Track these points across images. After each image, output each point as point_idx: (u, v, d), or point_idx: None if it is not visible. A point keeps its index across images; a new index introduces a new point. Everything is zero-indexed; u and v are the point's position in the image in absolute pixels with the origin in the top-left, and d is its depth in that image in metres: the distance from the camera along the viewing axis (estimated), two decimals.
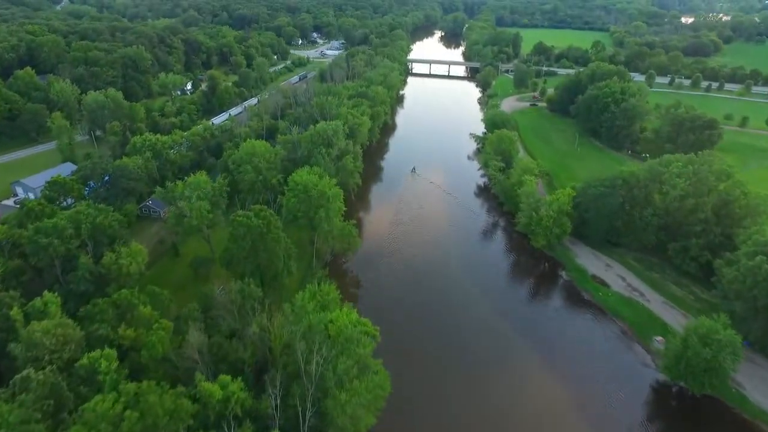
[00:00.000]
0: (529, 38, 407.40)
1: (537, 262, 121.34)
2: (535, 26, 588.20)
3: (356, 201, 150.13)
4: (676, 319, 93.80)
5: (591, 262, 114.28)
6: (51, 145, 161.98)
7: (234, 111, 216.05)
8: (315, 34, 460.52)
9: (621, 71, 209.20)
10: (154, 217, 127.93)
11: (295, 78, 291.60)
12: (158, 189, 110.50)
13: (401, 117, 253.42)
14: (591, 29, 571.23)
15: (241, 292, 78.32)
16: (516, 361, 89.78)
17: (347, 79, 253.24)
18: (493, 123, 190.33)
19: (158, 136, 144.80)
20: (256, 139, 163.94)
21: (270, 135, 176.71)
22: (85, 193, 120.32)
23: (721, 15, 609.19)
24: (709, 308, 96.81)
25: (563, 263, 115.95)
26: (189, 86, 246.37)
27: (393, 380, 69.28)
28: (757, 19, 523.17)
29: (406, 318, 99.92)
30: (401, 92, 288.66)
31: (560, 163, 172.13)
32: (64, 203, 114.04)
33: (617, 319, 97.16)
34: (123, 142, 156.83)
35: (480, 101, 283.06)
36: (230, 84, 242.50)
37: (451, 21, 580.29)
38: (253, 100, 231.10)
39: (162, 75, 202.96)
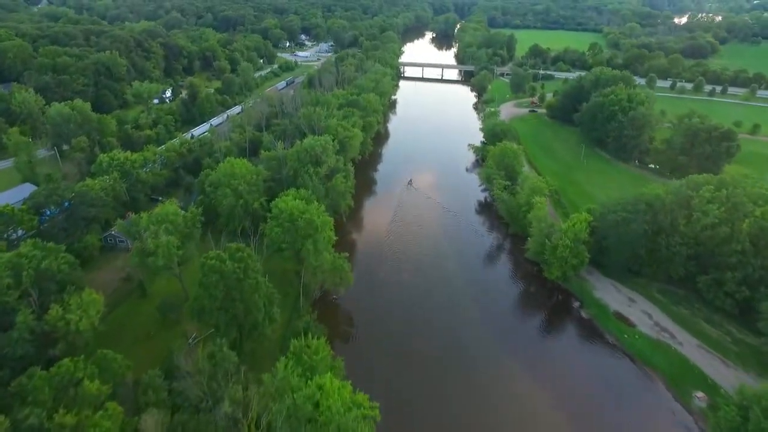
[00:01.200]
0: (522, 39, 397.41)
1: (550, 294, 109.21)
2: (528, 27, 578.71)
3: (348, 221, 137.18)
4: (716, 369, 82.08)
5: (611, 295, 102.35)
6: (8, 163, 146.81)
7: (216, 121, 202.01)
8: (303, 36, 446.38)
9: (626, 77, 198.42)
10: (121, 247, 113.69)
11: (282, 83, 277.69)
12: (119, 222, 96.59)
13: (394, 124, 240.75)
14: (584, 30, 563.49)
15: (211, 358, 65.02)
16: (532, 417, 77.40)
17: (336, 84, 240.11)
18: (492, 133, 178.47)
19: (128, 153, 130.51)
20: (238, 155, 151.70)
21: (254, 149, 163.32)
22: (41, 222, 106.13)
23: (712, 15, 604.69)
24: (750, 352, 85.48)
25: (580, 297, 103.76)
26: (168, 93, 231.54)
27: None
28: (749, 19, 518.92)
29: (405, 362, 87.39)
30: (393, 97, 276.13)
31: (566, 177, 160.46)
32: (13, 236, 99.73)
33: (648, 368, 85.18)
34: (90, 159, 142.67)
35: (476, 107, 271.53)
36: (212, 91, 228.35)
37: (443, 22, 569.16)
38: (237, 109, 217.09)
39: (136, 83, 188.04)
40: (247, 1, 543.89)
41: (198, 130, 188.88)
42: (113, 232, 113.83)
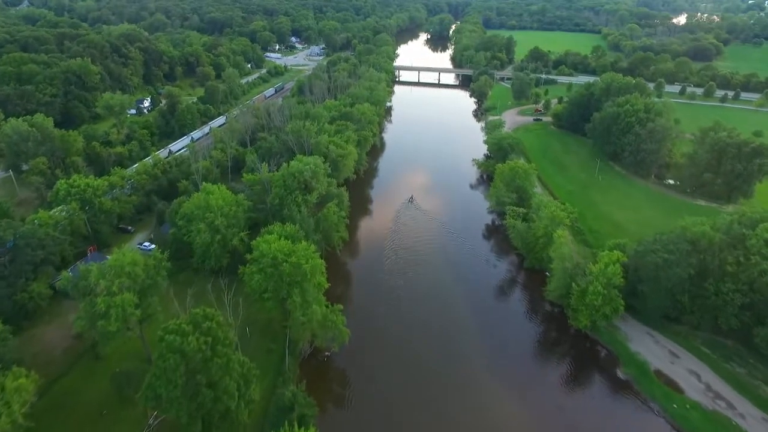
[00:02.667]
0: (520, 41, 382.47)
1: (575, 342, 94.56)
2: (524, 28, 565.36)
3: (341, 250, 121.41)
4: None
5: (650, 349, 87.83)
6: None
7: (197, 134, 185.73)
8: (294, 39, 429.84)
9: (640, 84, 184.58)
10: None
11: (271, 90, 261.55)
12: (64, 275, 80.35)
13: (390, 134, 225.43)
14: (581, 31, 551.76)
15: None
16: None
17: (328, 91, 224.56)
18: (498, 147, 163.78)
19: (90, 179, 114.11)
20: (219, 175, 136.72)
21: (237, 167, 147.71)
22: None
23: (712, 16, 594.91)
24: None
25: (614, 351, 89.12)
26: (147, 103, 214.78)
27: None
28: (749, 19, 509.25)
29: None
30: (388, 104, 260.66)
31: (582, 198, 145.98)
32: None
33: None
34: (51, 182, 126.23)
35: (475, 113, 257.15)
36: (195, 100, 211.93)
37: (438, 23, 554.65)
38: (221, 120, 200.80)
39: (106, 95, 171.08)
40: (236, 2, 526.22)
41: (177, 145, 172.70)
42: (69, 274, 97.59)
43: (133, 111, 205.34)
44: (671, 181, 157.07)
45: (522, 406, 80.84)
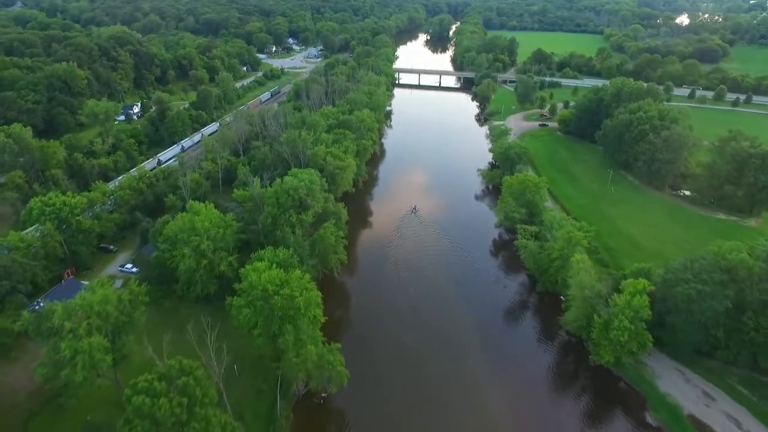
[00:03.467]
0: (521, 42, 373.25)
1: (594, 376, 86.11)
2: (525, 29, 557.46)
3: (340, 271, 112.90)
4: None
5: (681, 389, 79.40)
6: None
7: (188, 142, 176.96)
8: (291, 40, 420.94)
9: (653, 89, 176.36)
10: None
11: (267, 94, 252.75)
12: (24, 315, 71.62)
13: (390, 140, 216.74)
14: (583, 32, 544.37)
15: None
16: None
17: (326, 96, 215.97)
18: (505, 157, 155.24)
19: (67, 196, 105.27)
20: (209, 189, 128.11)
21: (228, 179, 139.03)
22: None
23: (715, 16, 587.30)
24: None
25: (642, 392, 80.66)
26: (137, 109, 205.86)
27: None
28: (752, 19, 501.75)
29: None
30: (388, 108, 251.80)
31: (595, 211, 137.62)
32: None
33: None
34: (26, 198, 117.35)
35: (478, 118, 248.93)
36: (185, 107, 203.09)
37: (437, 24, 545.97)
38: (214, 126, 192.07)
39: (90, 102, 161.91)
40: (232, 3, 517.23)
41: (167, 154, 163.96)
42: (38, 305, 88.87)
43: (122, 117, 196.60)
44: (687, 192, 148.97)
45: None
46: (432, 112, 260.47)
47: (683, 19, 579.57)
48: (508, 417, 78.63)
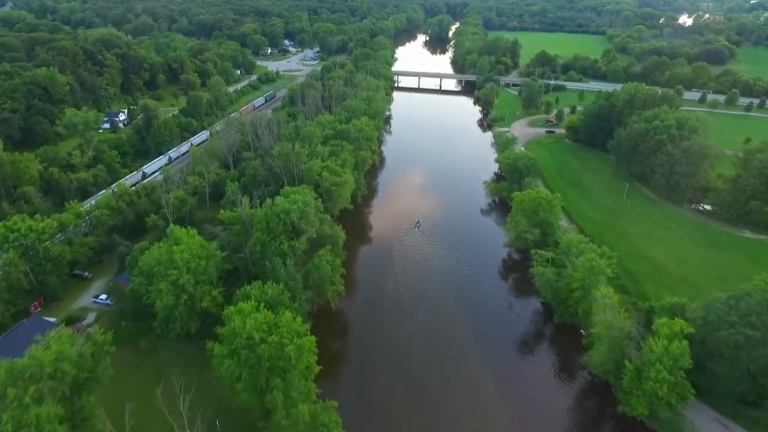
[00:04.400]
0: (522, 43, 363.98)
1: (625, 428, 76.38)
2: (525, 29, 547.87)
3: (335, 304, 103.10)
4: None
5: None
6: None
7: (176, 152, 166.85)
8: (287, 42, 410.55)
9: (668, 96, 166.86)
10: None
11: (261, 99, 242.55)
12: None
13: (390, 147, 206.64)
14: (585, 32, 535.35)
15: None
16: None
17: (322, 101, 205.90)
18: (513, 169, 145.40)
19: (35, 219, 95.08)
20: (196, 204, 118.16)
21: (217, 195, 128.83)
22: None
23: (717, 16, 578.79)
24: None
25: None
26: (123, 116, 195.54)
27: None
28: (755, 19, 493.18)
29: None
30: (387, 112, 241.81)
31: (611, 229, 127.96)
32: None
33: None
34: None
35: (481, 123, 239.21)
36: (175, 113, 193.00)
37: (437, 24, 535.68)
38: (204, 134, 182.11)
39: (69, 111, 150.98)
40: (227, 4, 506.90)
41: (152, 166, 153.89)
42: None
43: (107, 125, 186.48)
44: (708, 207, 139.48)
45: None
46: (433, 117, 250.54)
47: (686, 20, 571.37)
48: None
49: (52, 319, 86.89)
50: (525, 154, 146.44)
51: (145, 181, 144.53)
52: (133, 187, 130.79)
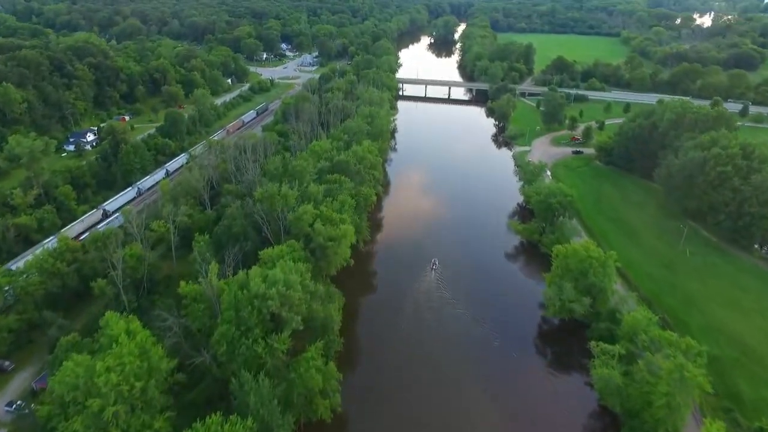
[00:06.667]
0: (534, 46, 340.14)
1: None
2: (534, 31, 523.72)
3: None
4: None
5: None
6: None
7: (149, 181, 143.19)
8: (284, 46, 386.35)
9: (725, 116, 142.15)
10: None
11: (251, 113, 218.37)
12: None
13: (395, 166, 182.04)
14: (597, 34, 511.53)
15: None
16: None
17: (319, 117, 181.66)
18: (545, 206, 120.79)
19: None
20: (158, 258, 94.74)
21: (187, 242, 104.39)
22: None
23: (729, 15, 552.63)
24: None
25: None
26: (91, 137, 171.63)
27: None
28: None
29: None
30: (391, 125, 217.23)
31: (673, 288, 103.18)
32: None
33: None
34: None
35: (496, 139, 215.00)
36: (150, 134, 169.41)
37: (442, 26, 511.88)
38: (183, 158, 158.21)
39: (12, 139, 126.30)
40: (222, 5, 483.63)
41: (116, 202, 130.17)
42: None
43: (71, 147, 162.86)
44: None
45: None
46: (442, 132, 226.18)
47: (703, 20, 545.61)
48: None
49: None
50: (559, 188, 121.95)
51: (106, 222, 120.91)
52: (85, 235, 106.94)
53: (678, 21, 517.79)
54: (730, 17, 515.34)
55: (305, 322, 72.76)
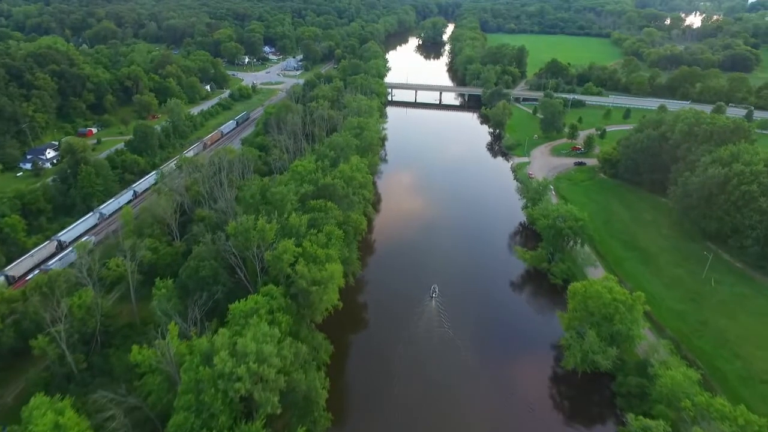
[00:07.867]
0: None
1: None
2: (524, 32, 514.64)
3: None
4: None
5: None
6: None
7: (114, 204, 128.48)
8: (267, 49, 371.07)
9: (742, 126, 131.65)
10: None
11: (231, 123, 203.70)
12: None
13: (384, 180, 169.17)
14: (587, 35, 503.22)
15: None
16: None
17: (303, 127, 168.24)
18: (554, 231, 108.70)
19: None
20: (118, 303, 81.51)
21: (152, 280, 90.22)
22: None
23: (715, 15, 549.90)
24: None
25: None
26: (51, 153, 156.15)
27: None
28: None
29: None
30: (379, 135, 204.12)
31: (703, 327, 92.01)
32: None
33: None
34: None
35: (491, 147, 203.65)
36: (118, 149, 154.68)
37: (430, 27, 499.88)
38: (152, 177, 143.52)
39: None
40: (203, 7, 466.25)
41: (73, 231, 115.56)
42: None
43: (28, 164, 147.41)
44: None
45: None
46: (434, 140, 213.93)
47: (692, 20, 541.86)
48: None
49: None
50: (569, 211, 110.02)
51: (60, 255, 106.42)
52: (35, 273, 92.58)
53: (667, 21, 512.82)
54: (718, 17, 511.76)
55: (284, 395, 59.77)
